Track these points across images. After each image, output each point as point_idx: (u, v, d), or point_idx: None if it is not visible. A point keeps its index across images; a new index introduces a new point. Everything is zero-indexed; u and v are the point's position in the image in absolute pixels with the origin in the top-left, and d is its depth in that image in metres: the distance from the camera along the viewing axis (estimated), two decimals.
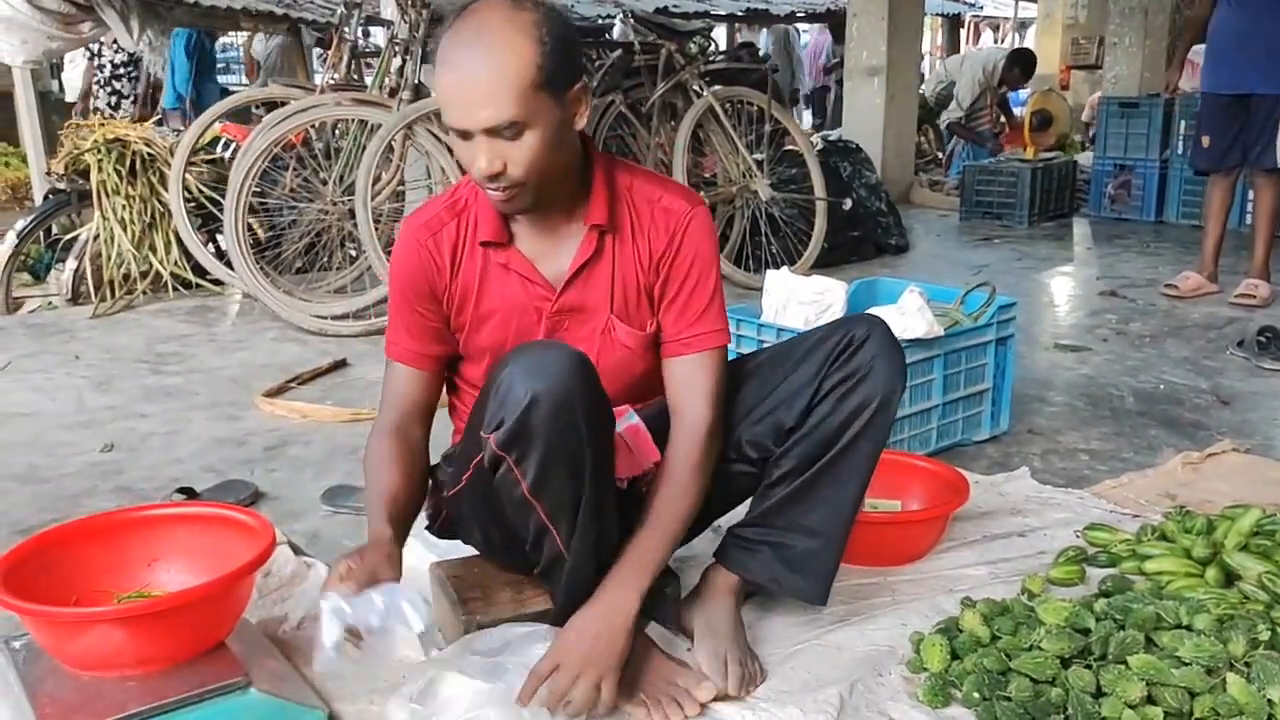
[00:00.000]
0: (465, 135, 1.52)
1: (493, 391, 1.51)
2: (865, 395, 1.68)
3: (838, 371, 1.69)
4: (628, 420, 1.70)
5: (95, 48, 7.43)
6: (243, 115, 5.54)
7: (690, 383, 1.70)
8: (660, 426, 1.72)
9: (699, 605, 1.82)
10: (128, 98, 7.35)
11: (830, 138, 6.68)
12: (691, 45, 5.22)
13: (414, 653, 1.76)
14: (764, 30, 12.69)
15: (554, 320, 1.71)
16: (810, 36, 13.12)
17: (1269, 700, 1.54)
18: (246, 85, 10.13)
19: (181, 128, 5.71)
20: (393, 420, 1.74)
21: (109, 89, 7.58)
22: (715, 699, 1.65)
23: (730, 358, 1.80)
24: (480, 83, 1.47)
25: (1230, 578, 1.99)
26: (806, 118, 12.30)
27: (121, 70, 7.68)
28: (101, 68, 7.64)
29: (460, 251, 1.70)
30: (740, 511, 1.86)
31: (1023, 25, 19.02)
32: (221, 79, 10.19)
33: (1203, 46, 4.80)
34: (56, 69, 7.88)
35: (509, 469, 1.52)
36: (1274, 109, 4.37)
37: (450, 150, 4.14)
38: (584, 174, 1.68)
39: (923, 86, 8.65)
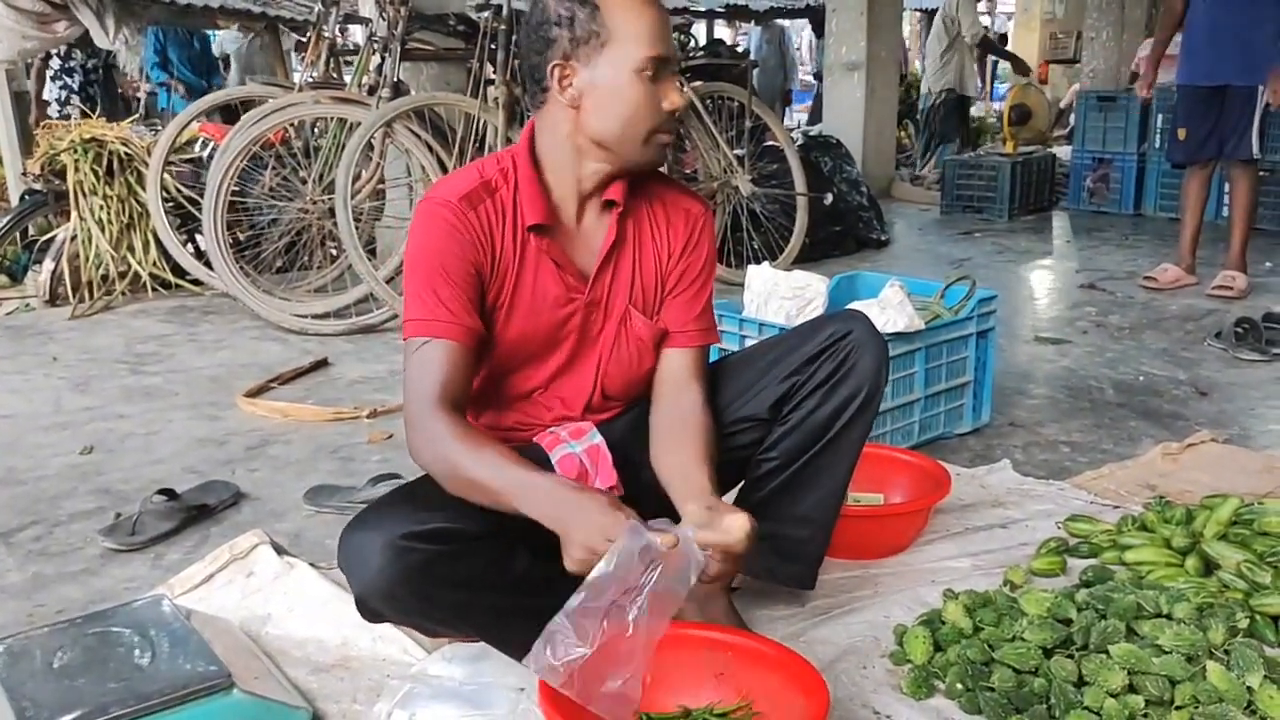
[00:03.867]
0: (659, 72, 1.54)
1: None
2: (853, 388, 1.71)
3: (825, 366, 1.71)
4: (590, 440, 1.69)
5: (62, 50, 7.37)
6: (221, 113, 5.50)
7: (688, 369, 1.74)
8: (630, 440, 1.72)
9: (691, 601, 1.82)
10: (77, 93, 7.32)
11: (811, 133, 6.69)
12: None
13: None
14: (757, 27, 12.66)
15: (585, 313, 1.68)
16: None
17: (1248, 687, 1.56)
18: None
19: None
20: (444, 398, 1.52)
21: (81, 93, 7.53)
22: None
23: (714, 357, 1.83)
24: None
25: (1209, 567, 2.01)
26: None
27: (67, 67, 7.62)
28: (71, 71, 7.58)
29: (499, 231, 1.62)
30: None
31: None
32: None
33: (1178, 38, 4.83)
34: (29, 68, 7.80)
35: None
36: (1249, 101, 4.41)
37: (430, 148, 4.14)
38: None
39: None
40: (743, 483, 1.82)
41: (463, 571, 1.47)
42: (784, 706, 1.48)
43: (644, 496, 1.74)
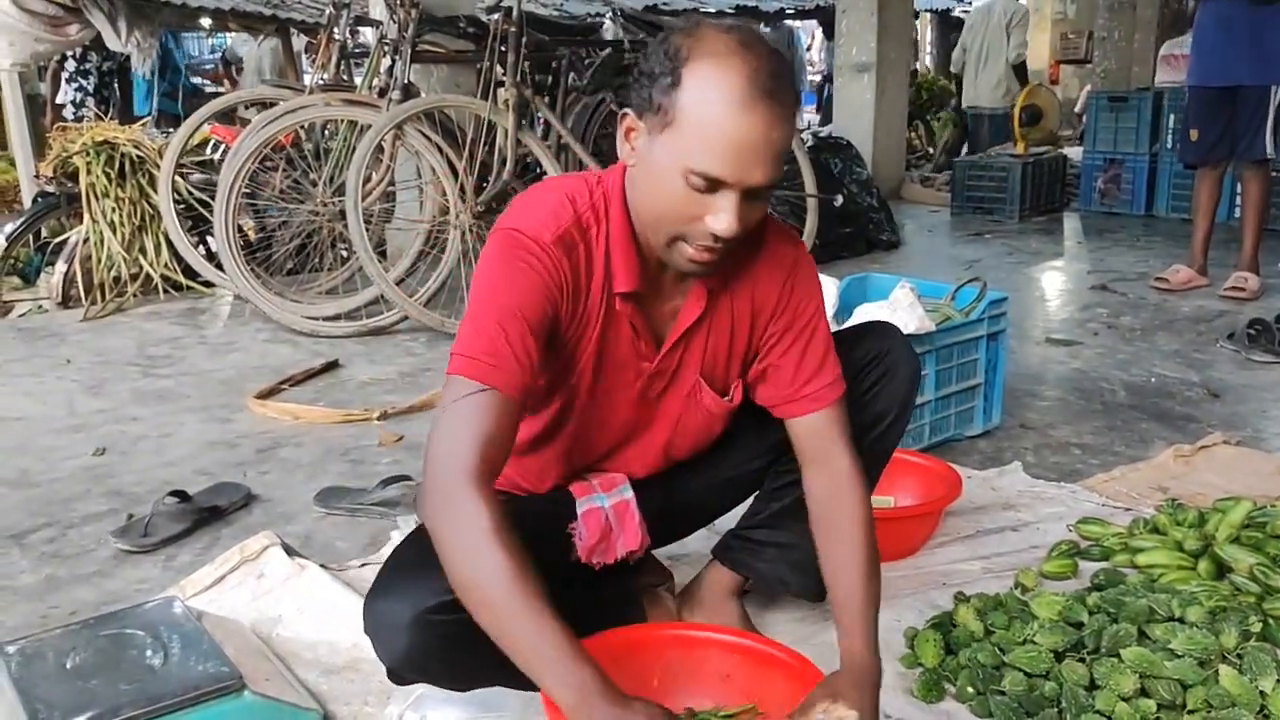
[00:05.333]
0: (714, 187, 1.30)
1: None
2: (883, 406, 1.69)
3: (858, 384, 1.66)
4: (620, 494, 1.60)
5: (78, 52, 7.40)
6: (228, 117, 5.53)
7: (829, 434, 1.57)
8: (664, 480, 1.68)
9: (702, 605, 1.83)
10: (92, 95, 7.37)
11: (821, 134, 6.68)
12: None
13: None
14: (766, 28, 12.66)
15: (649, 382, 1.56)
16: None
17: (1261, 691, 1.55)
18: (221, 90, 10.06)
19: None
20: (484, 469, 1.30)
21: (96, 95, 7.58)
22: None
23: None
24: (774, 141, 1.29)
25: (1222, 570, 2.00)
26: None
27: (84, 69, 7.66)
28: (86, 73, 7.62)
29: (585, 281, 1.44)
30: (736, 512, 1.86)
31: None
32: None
33: (1187, 39, 4.81)
34: (43, 71, 7.85)
35: None
36: (1261, 100, 4.39)
37: (440, 150, 4.14)
38: None
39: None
40: (759, 490, 1.81)
41: None
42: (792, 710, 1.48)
43: (674, 535, 1.72)
